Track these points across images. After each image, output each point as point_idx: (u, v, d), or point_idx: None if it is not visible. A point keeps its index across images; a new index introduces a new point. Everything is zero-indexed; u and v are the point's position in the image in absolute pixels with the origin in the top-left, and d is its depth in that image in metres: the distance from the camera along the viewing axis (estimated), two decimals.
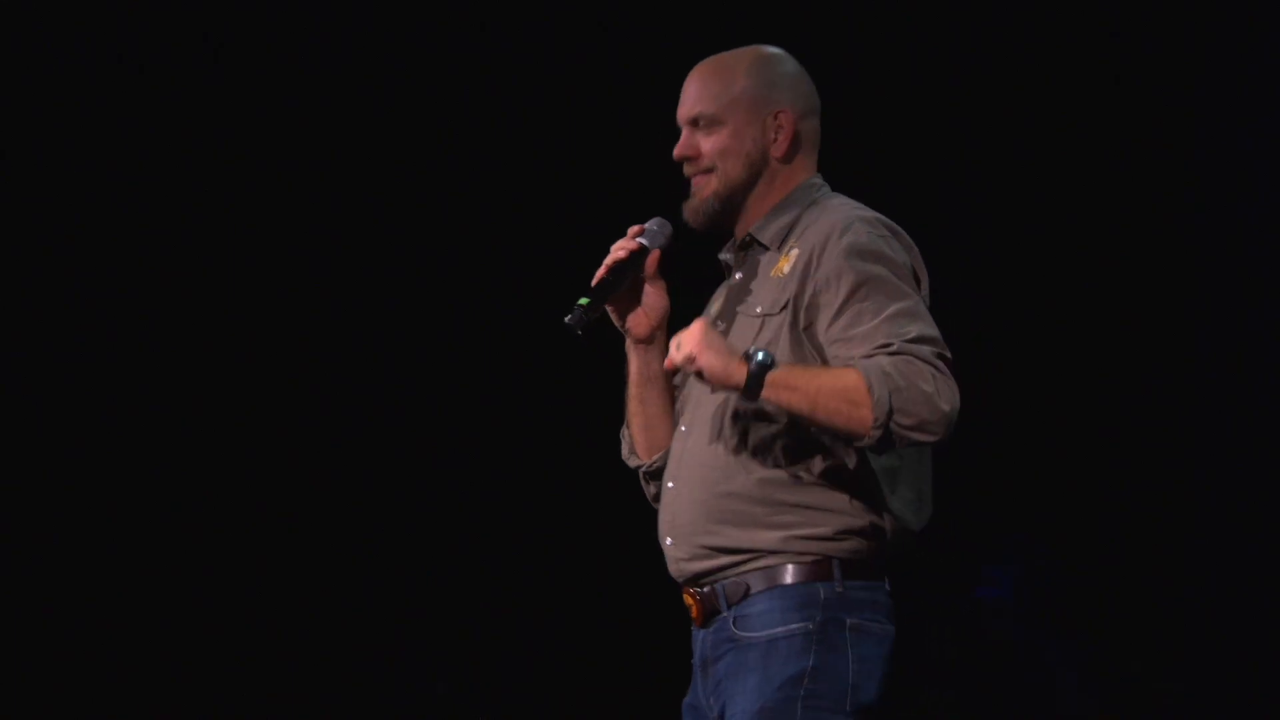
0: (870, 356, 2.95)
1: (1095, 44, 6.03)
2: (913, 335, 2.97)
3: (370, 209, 5.99)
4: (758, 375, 2.92)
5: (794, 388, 2.93)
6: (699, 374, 2.96)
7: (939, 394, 2.92)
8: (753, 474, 3.06)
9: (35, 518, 5.83)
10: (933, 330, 3.01)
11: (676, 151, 3.21)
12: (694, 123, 3.20)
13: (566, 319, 3.12)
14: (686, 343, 2.96)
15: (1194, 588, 5.83)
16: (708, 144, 3.19)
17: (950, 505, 6.43)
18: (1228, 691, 5.75)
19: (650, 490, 3.34)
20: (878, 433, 2.90)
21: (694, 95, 3.20)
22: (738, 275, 3.23)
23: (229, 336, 5.97)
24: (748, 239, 3.21)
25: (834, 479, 3.06)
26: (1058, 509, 6.21)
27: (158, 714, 5.89)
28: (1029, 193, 6.20)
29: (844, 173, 3.33)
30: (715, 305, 3.27)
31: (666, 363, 3.02)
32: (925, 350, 2.96)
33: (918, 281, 3.13)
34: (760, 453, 3.07)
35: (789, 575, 3.04)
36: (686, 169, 3.21)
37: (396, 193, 5.98)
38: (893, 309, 3.01)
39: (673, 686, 3.27)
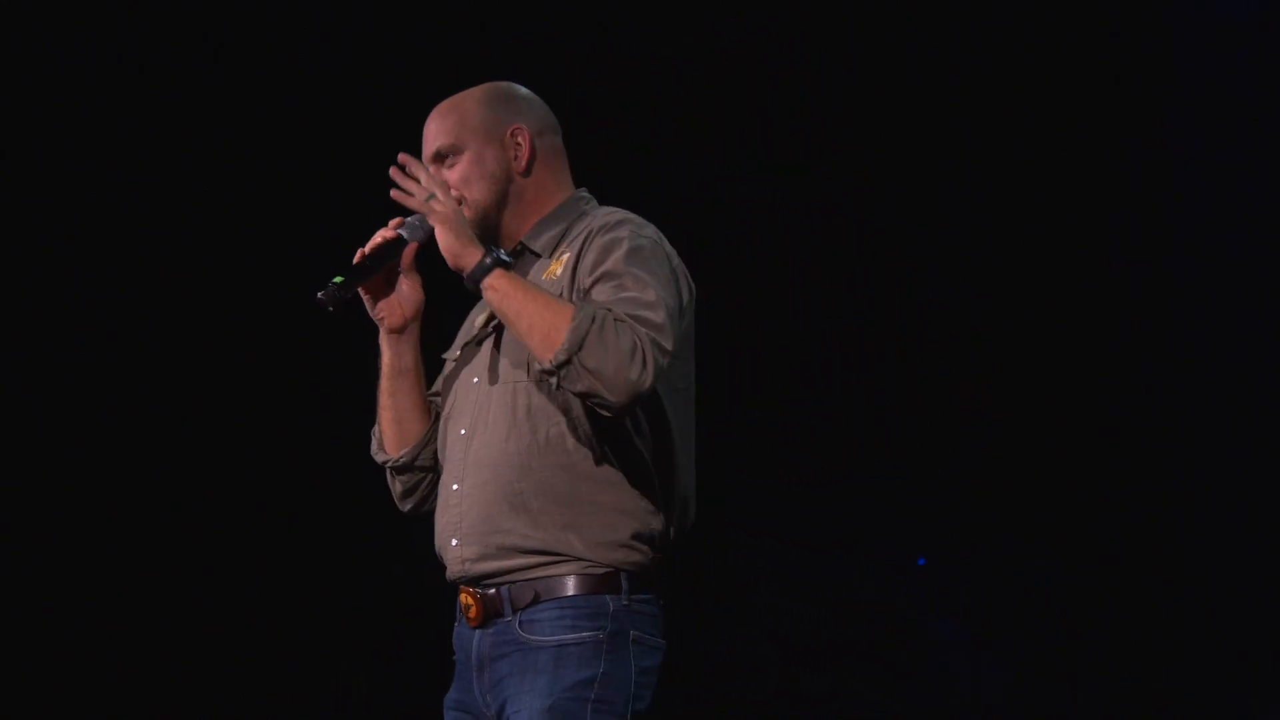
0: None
1: (1095, 44, 6.04)
2: (640, 317, 3.03)
3: (370, 209, 5.98)
4: (489, 268, 3.07)
5: (511, 292, 3.05)
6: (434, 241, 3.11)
7: (633, 361, 2.98)
8: (547, 470, 3.12)
9: (35, 518, 5.82)
10: (662, 316, 3.05)
11: None
12: (437, 159, 3.28)
13: (319, 294, 3.18)
14: (438, 213, 3.11)
15: (1191, 588, 5.84)
16: (453, 175, 3.27)
17: (949, 504, 6.46)
18: (1223, 691, 5.75)
19: (398, 487, 3.40)
20: (563, 356, 2.97)
21: (433, 133, 3.30)
22: None
23: (229, 336, 5.97)
24: (519, 248, 3.27)
25: (628, 477, 3.12)
26: (1057, 508, 6.22)
27: (158, 714, 5.89)
28: (1029, 193, 6.21)
29: (844, 173, 3.32)
30: (485, 312, 3.31)
31: (396, 194, 3.15)
32: (643, 330, 3.02)
33: (677, 282, 3.16)
34: (554, 449, 3.12)
35: (578, 586, 3.10)
36: None
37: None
38: (633, 294, 3.07)
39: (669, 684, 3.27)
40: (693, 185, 5.98)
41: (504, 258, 3.10)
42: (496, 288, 3.07)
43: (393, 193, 3.18)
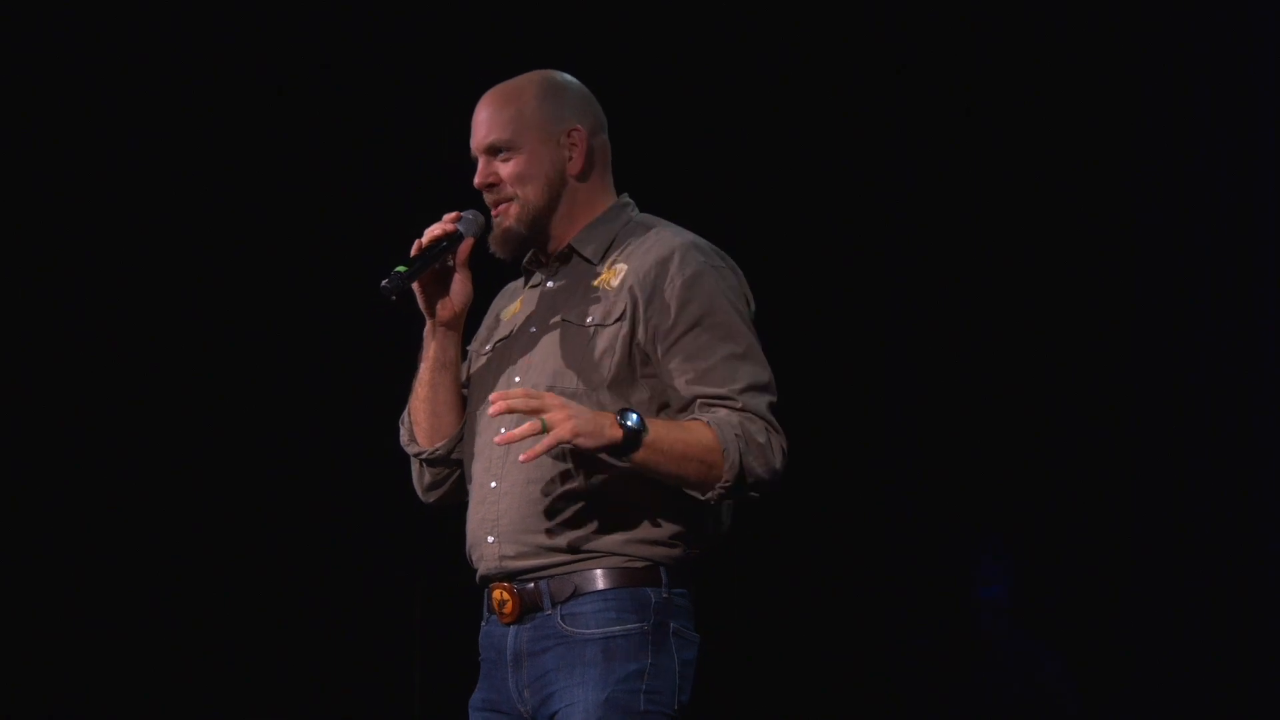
0: (713, 406, 3.10)
1: (1096, 44, 6.04)
2: (746, 384, 3.12)
3: (370, 209, 5.99)
4: (634, 441, 3.03)
5: (663, 451, 3.05)
6: (573, 449, 3.03)
7: (772, 451, 3.09)
8: (589, 472, 3.12)
9: (35, 518, 5.82)
10: (765, 373, 3.16)
11: (477, 181, 3.27)
12: (490, 151, 3.26)
13: (383, 283, 3.20)
14: (556, 421, 2.99)
15: (1190, 588, 5.84)
16: (506, 170, 3.25)
17: (948, 504, 6.45)
18: (1226, 692, 5.75)
19: (427, 479, 3.40)
20: (727, 487, 3.06)
21: (486, 124, 3.25)
22: (550, 284, 3.29)
23: (229, 336, 5.97)
24: (567, 250, 3.27)
25: None
26: (1054, 508, 6.22)
27: (158, 714, 5.90)
28: (1030, 193, 6.21)
29: (845, 173, 3.33)
30: (524, 310, 3.33)
31: (495, 410, 3.03)
32: (761, 404, 3.11)
33: (749, 306, 3.24)
34: None
35: (619, 579, 3.13)
36: (488, 197, 3.27)
37: (396, 192, 5.99)
38: (728, 349, 3.14)
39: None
40: (693, 185, 5.98)
41: (635, 423, 3.03)
42: (650, 449, 3.04)
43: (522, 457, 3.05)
